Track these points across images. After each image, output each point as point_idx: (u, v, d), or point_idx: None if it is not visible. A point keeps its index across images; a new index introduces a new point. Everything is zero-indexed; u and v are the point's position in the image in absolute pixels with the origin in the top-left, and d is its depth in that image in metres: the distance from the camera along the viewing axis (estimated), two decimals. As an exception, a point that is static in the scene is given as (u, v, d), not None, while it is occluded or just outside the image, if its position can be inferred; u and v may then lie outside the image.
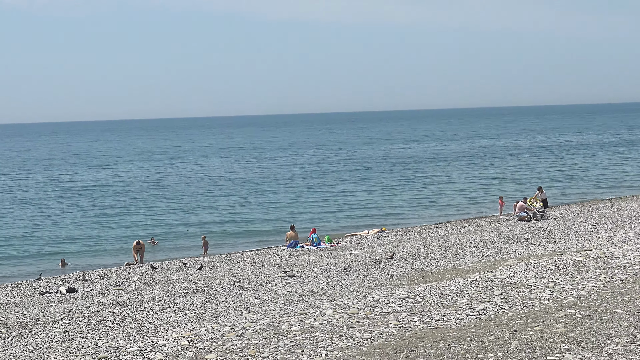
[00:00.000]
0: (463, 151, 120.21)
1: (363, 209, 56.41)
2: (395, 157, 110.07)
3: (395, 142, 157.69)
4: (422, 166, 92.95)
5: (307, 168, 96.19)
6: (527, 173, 78.95)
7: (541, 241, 30.37)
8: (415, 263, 26.77)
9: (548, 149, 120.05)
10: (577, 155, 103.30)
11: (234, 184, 77.96)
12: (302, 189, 70.82)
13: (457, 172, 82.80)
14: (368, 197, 63.01)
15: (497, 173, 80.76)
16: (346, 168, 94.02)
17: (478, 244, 31.25)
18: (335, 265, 27.86)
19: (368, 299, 15.71)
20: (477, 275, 18.23)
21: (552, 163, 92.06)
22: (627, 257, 18.59)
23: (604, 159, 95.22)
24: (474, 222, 44.49)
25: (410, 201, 59.59)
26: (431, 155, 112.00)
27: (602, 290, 14.93)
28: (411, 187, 69.29)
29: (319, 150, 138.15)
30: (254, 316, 15.78)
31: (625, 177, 71.83)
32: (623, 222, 34.89)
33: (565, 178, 73.07)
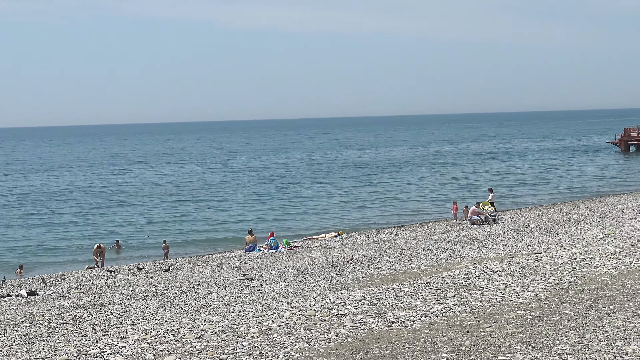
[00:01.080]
0: (418, 157, 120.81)
1: (320, 213, 56.44)
2: (352, 162, 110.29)
3: (353, 148, 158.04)
4: (379, 171, 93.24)
5: (265, 173, 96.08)
6: (480, 178, 79.45)
7: (493, 244, 30.60)
8: (371, 266, 26.84)
9: (501, 154, 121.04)
10: (529, 161, 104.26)
11: (194, 189, 77.66)
12: (260, 194, 70.72)
13: (412, 177, 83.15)
14: (325, 201, 63.06)
15: (451, 178, 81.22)
16: (304, 173, 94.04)
17: (432, 247, 31.41)
18: (292, 268, 27.85)
19: (325, 301, 15.72)
20: (431, 277, 18.31)
21: (504, 168, 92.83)
22: (576, 260, 18.79)
23: (555, 165, 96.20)
24: (428, 226, 44.70)
25: (366, 205, 59.72)
26: (387, 161, 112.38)
27: (551, 291, 15.08)
28: (368, 192, 69.43)
29: (276, 155, 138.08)
30: (212, 318, 15.72)
31: (574, 183, 72.57)
32: (572, 226, 35.24)
33: (517, 183, 73.67)
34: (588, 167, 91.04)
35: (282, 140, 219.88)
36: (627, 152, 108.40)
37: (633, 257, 18.54)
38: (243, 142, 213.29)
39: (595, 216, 39.31)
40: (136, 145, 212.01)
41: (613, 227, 30.31)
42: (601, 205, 47.63)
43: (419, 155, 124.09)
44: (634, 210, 40.47)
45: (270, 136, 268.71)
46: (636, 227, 28.50)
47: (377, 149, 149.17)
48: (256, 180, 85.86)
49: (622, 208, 42.70)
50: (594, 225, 34.40)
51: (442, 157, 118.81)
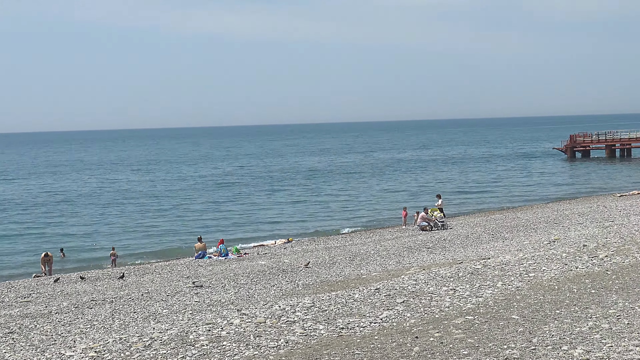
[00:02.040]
0: (367, 163, 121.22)
1: (270, 219, 56.38)
2: (302, 169, 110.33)
3: (303, 154, 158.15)
4: (328, 178, 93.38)
5: (214, 180, 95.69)
6: (429, 184, 79.97)
7: (442, 250, 30.78)
8: (320, 272, 26.85)
9: (449, 161, 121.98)
10: (477, 167, 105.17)
11: (142, 196, 77.08)
12: (210, 201, 70.43)
13: (361, 184, 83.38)
14: (275, 208, 63.01)
15: (400, 184, 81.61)
16: (253, 179, 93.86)
17: (381, 254, 31.51)
18: (242, 275, 27.78)
19: (274, 308, 15.69)
20: (380, 283, 18.36)
21: (452, 175, 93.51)
22: (523, 265, 18.96)
23: (501, 171, 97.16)
24: (377, 233, 44.85)
25: (316, 212, 59.78)
26: (337, 167, 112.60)
27: (499, 297, 15.20)
28: (317, 199, 69.53)
29: (225, 162, 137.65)
30: (162, 326, 15.60)
31: (521, 189, 73.34)
32: (519, 232, 35.58)
33: (465, 189, 74.27)
34: (535, 173, 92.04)
35: (230, 147, 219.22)
36: (573, 158, 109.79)
37: (579, 262, 18.77)
38: (189, 149, 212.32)
39: (542, 222, 39.74)
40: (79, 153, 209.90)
41: (559, 233, 30.65)
42: (548, 211, 48.19)
43: (367, 162, 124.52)
44: (579, 215, 40.99)
45: (218, 143, 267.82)
46: (582, 232, 28.87)
47: (326, 156, 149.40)
48: (205, 187, 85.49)
49: (568, 214, 43.23)
50: (541, 230, 34.77)
51: (391, 163, 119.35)
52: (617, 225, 30.48)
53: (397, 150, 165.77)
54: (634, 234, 24.18)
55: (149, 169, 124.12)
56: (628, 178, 78.29)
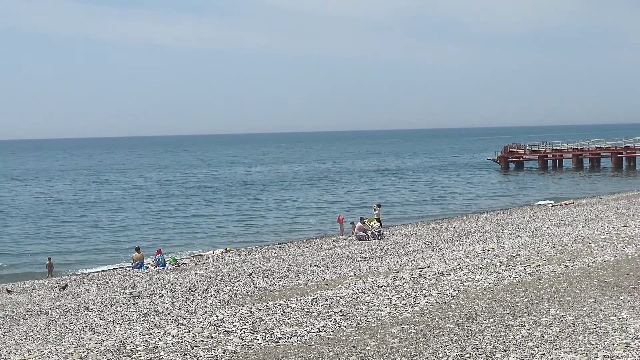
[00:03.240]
0: (305, 173, 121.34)
1: (208, 229, 56.11)
2: (239, 179, 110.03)
3: (240, 165, 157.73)
4: (266, 188, 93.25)
5: (151, 190, 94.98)
6: (366, 194, 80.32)
7: (378, 260, 30.91)
8: (258, 282, 26.79)
9: (386, 171, 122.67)
10: (413, 177, 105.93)
11: (79, 206, 76.18)
12: (148, 211, 69.87)
13: (299, 194, 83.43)
14: (213, 218, 62.73)
15: (338, 194, 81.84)
16: (191, 189, 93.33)
17: (319, 263, 31.54)
18: (180, 285, 27.59)
19: (212, 318, 15.61)
20: (317, 293, 18.38)
21: (389, 184, 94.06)
22: (458, 274, 19.15)
23: (437, 181, 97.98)
24: (315, 242, 44.90)
25: (253, 222, 59.64)
26: (274, 178, 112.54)
27: (434, 305, 15.32)
28: (254, 208, 69.37)
29: (163, 172, 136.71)
30: (98, 337, 15.42)
31: (456, 199, 74.04)
32: (454, 241, 35.90)
33: (402, 199, 74.73)
34: (469, 183, 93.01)
35: (168, 157, 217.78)
36: (507, 169, 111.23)
37: (512, 271, 19.01)
38: (125, 159, 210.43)
39: (477, 231, 40.16)
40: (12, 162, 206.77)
41: (493, 242, 30.99)
42: (482, 220, 48.73)
43: (305, 172, 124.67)
44: (513, 225, 41.52)
45: (153, 153, 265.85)
46: (515, 241, 29.22)
47: (263, 167, 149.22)
48: (142, 197, 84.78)
49: (502, 223, 43.77)
50: (476, 240, 35.12)
51: (329, 174, 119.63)
52: (549, 234, 30.93)
53: (335, 161, 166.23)
54: (565, 244, 24.56)
55: (84, 179, 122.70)
56: (560, 188, 79.58)
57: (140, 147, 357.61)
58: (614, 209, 46.42)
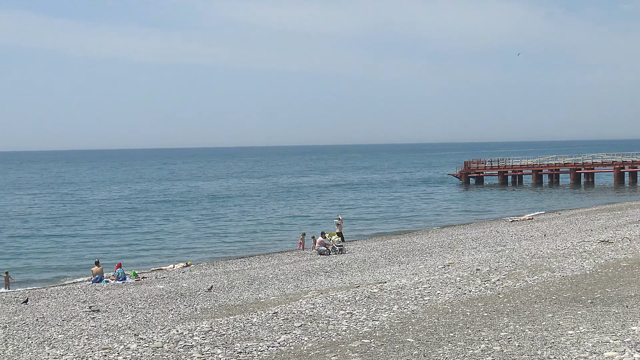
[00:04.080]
0: (266, 188, 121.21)
1: (169, 243, 55.80)
2: (201, 193, 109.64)
3: (202, 179, 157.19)
4: (228, 202, 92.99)
5: (112, 204, 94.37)
6: (328, 209, 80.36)
7: (339, 274, 30.92)
8: (219, 296, 26.68)
9: (347, 186, 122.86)
10: (374, 192, 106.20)
11: (38, 219, 75.47)
12: (107, 225, 69.40)
13: (260, 208, 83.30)
14: (174, 232, 62.40)
15: (299, 209, 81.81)
16: (152, 203, 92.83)
17: (280, 278, 31.48)
18: (140, 300, 27.39)
19: (172, 333, 15.52)
20: (278, 307, 18.35)
21: (350, 199, 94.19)
22: (418, 289, 19.21)
23: (398, 196, 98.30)
24: (276, 257, 44.81)
25: (215, 236, 59.43)
26: (237, 192, 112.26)
27: (395, 320, 15.35)
28: (216, 222, 69.16)
29: (124, 185, 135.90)
30: (57, 352, 15.27)
31: (417, 214, 74.32)
32: (415, 256, 36.02)
33: (363, 213, 74.88)
34: (430, 199, 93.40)
35: (129, 170, 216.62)
36: (467, 184, 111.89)
37: (472, 286, 19.11)
38: (88, 172, 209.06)
39: (437, 246, 40.33)
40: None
41: (454, 257, 31.14)
42: (443, 235, 48.96)
43: (267, 186, 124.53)
44: (473, 240, 41.77)
45: (117, 166, 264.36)
46: (475, 256, 29.39)
47: (226, 181, 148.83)
48: (102, 211, 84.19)
49: (462, 238, 44.01)
50: (436, 255, 35.26)
51: (291, 188, 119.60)
52: (508, 249, 31.16)
53: (297, 175, 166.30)
54: (524, 258, 24.74)
55: (45, 192, 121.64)
56: (519, 204, 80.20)
57: (101, 161, 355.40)
58: (572, 224, 46.88)
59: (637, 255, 23.03)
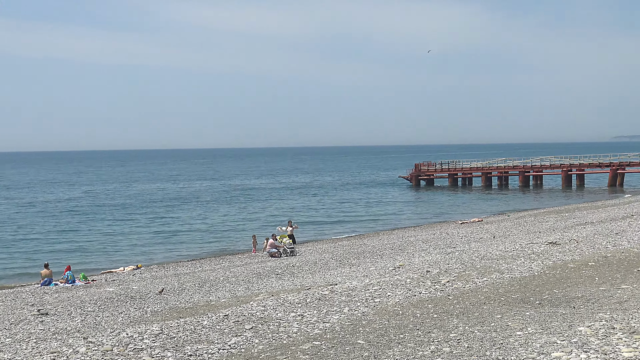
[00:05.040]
0: (217, 189, 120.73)
1: (119, 245, 55.35)
2: (152, 195, 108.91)
3: (153, 181, 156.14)
4: (179, 204, 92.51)
5: (60, 206, 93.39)
6: (279, 211, 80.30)
7: (290, 276, 30.93)
8: (169, 299, 26.54)
9: (299, 188, 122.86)
10: (326, 195, 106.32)
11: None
12: (56, 226, 68.64)
13: (212, 210, 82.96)
14: (125, 234, 61.92)
15: (251, 211, 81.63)
16: (101, 206, 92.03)
17: (231, 280, 31.41)
18: (89, 303, 27.15)
19: (122, 336, 15.40)
20: (229, 310, 18.30)
21: (302, 201, 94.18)
22: (369, 291, 19.28)
23: (349, 198, 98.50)
24: (227, 259, 44.68)
25: (166, 238, 59.09)
26: (187, 194, 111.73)
27: (345, 322, 15.38)
28: (166, 224, 68.75)
29: (72, 187, 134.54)
30: (4, 356, 15.07)
31: (368, 216, 74.53)
32: (365, 258, 36.14)
33: (315, 215, 74.93)
34: (381, 201, 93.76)
35: (77, 173, 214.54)
36: (418, 186, 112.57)
37: (422, 288, 19.22)
38: (34, 174, 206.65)
39: (388, 248, 40.51)
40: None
41: (404, 259, 31.31)
42: (393, 237, 49.17)
43: (218, 188, 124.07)
44: (423, 242, 42.02)
45: (64, 168, 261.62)
46: (425, 258, 29.57)
47: (176, 183, 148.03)
48: (51, 213, 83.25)
49: (413, 240, 44.25)
50: (387, 256, 35.42)
51: (241, 190, 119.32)
52: (458, 251, 31.38)
53: (247, 177, 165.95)
54: (474, 260, 24.94)
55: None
56: (469, 206, 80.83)
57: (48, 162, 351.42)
58: (521, 226, 47.38)
59: (584, 257, 23.35)
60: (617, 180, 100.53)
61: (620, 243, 26.97)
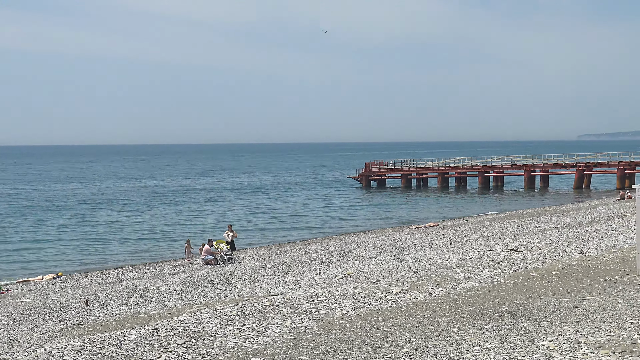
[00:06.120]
0: (148, 190, 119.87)
1: (37, 252, 54.72)
2: (71, 197, 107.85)
3: (73, 180, 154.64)
4: (102, 206, 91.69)
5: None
6: (217, 214, 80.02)
7: (228, 286, 30.87)
8: (93, 311, 26.33)
9: (239, 189, 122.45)
10: (268, 196, 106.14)
11: None
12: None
13: (140, 213, 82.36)
14: (43, 239, 61.24)
15: (185, 214, 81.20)
16: (18, 208, 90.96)
17: (162, 290, 31.26)
18: (3, 315, 26.82)
19: (39, 352, 15.24)
20: (159, 323, 18.20)
21: (241, 204, 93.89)
22: (314, 302, 19.30)
23: (292, 201, 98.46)
24: (158, 266, 44.44)
25: (89, 244, 58.51)
26: (113, 195, 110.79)
27: (287, 336, 15.38)
28: (90, 228, 68.09)
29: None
30: None
31: (313, 220, 74.55)
32: (310, 266, 36.20)
33: (255, 219, 74.75)
34: (328, 203, 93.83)
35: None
36: (368, 187, 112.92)
37: (372, 298, 19.29)
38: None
39: (335, 255, 40.61)
40: None
41: (352, 267, 31.41)
42: (341, 243, 49.30)
43: (149, 189, 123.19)
44: (373, 248, 42.19)
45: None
46: (376, 266, 29.69)
47: (98, 183, 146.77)
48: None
49: (362, 246, 44.42)
50: (334, 264, 35.51)
51: (175, 191, 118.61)
52: (411, 259, 31.57)
53: (182, 177, 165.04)
54: (428, 269, 25.10)
55: None
56: (424, 209, 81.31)
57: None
58: (480, 231, 47.80)
59: (547, 265, 23.62)
60: (584, 181, 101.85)
61: (586, 250, 27.33)
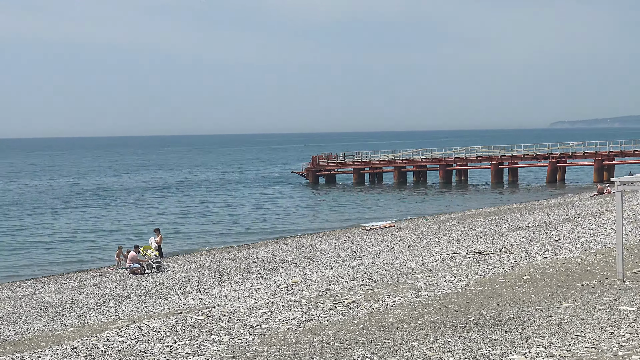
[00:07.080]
0: (63, 190, 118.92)
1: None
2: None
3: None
4: (10, 209, 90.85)
5: None
6: (144, 217, 79.57)
7: (157, 298, 30.76)
8: (2, 329, 26.09)
9: (168, 188, 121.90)
10: (202, 195, 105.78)
11: None
12: None
13: (55, 216, 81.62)
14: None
15: (108, 217, 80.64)
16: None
17: (81, 303, 31.06)
18: None
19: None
20: (79, 341, 18.10)
21: (172, 204, 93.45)
22: (255, 315, 19.30)
23: (229, 200, 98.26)
24: (77, 277, 44.13)
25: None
26: (22, 195, 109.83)
27: (225, 354, 15.36)
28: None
29: None
30: None
31: (254, 221, 74.42)
32: (251, 273, 36.17)
33: (187, 222, 74.49)
34: (270, 202, 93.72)
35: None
36: (316, 184, 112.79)
37: (321, 310, 19.33)
38: None
39: (279, 261, 40.62)
40: None
41: (298, 274, 31.43)
42: (285, 248, 49.31)
43: (63, 189, 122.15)
44: (322, 253, 42.26)
45: None
46: (325, 273, 29.74)
47: (7, 181, 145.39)
48: None
49: (309, 251, 44.47)
50: (277, 272, 35.51)
51: (94, 190, 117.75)
52: (365, 264, 31.66)
53: (103, 174, 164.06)
54: (384, 275, 25.20)
55: None
56: (378, 208, 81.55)
57: None
58: (441, 232, 48.06)
59: (517, 269, 23.82)
60: (557, 175, 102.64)
61: (561, 252, 27.62)
